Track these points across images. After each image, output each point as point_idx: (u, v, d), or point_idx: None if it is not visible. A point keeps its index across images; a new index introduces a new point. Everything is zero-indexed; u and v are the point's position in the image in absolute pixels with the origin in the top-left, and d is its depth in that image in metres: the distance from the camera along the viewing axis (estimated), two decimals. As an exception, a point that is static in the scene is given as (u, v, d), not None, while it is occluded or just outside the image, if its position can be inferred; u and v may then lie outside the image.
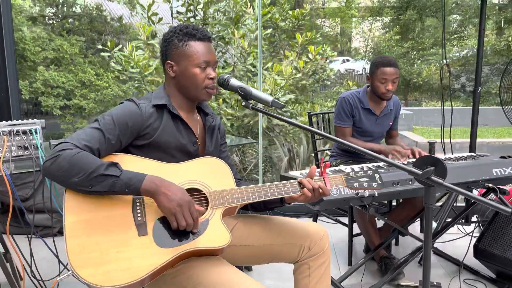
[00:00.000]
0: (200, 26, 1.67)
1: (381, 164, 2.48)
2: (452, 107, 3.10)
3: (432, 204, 1.23)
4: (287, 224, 1.70)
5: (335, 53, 10.00)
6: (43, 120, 2.23)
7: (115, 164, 1.37)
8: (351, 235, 2.87)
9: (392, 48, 11.95)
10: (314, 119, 3.16)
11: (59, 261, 2.17)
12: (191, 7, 6.24)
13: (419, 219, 3.02)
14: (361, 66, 18.20)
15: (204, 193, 1.49)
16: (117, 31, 11.20)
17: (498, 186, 2.35)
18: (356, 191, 1.62)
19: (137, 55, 5.81)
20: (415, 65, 12.48)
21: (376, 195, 1.67)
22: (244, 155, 6.42)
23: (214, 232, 1.42)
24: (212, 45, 1.63)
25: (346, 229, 2.93)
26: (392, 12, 13.06)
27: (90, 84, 8.75)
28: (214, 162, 1.57)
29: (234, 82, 1.56)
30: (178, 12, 6.46)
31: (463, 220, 3.37)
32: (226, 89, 1.57)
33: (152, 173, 1.40)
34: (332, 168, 2.49)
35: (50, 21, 10.88)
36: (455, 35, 12.48)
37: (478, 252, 2.55)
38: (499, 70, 12.21)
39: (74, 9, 11.04)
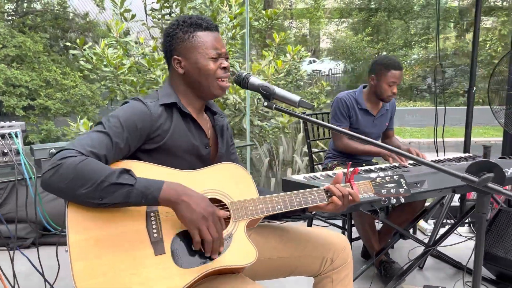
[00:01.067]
0: (204, 15, 1.51)
1: (396, 164, 2.41)
2: (445, 107, 3.09)
3: (485, 212, 1.13)
4: (307, 234, 1.58)
5: (309, 54, 10.02)
6: (23, 122, 2.01)
7: (127, 171, 1.20)
8: (350, 240, 2.78)
9: (364, 49, 12.10)
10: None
11: (45, 280, 1.95)
12: (167, 4, 6.00)
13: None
14: (327, 67, 18.41)
15: (225, 204, 1.34)
16: (83, 29, 10.74)
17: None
18: (384, 198, 1.52)
19: (109, 53, 5.53)
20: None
21: (403, 201, 1.57)
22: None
23: (239, 248, 1.28)
24: (219, 34, 1.48)
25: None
26: (362, 14, 13.24)
27: (56, 84, 8.29)
28: (234, 169, 1.42)
29: (254, 80, 1.41)
30: (152, 9, 6.21)
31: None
32: (245, 87, 1.42)
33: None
34: (331, 172, 2.39)
35: (10, 17, 10.29)
36: (423, 37, 12.79)
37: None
38: (463, 71, 12.62)
39: (34, 5, 10.49)
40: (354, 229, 2.78)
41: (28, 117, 8.10)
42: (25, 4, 10.52)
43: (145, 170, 1.29)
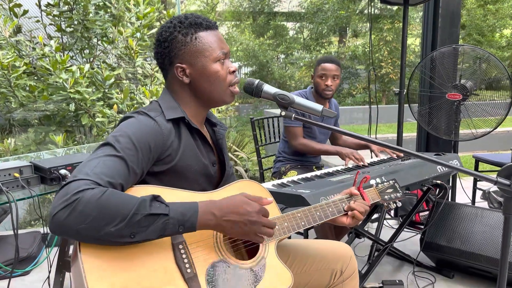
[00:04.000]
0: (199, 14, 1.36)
1: (350, 165, 2.46)
2: (377, 105, 3.29)
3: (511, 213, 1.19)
4: (313, 248, 1.52)
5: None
6: None
7: (156, 198, 1.01)
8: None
9: (266, 52, 12.44)
10: (256, 123, 3.00)
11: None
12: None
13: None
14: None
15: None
16: (-51, 24, 9.20)
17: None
18: (387, 204, 1.53)
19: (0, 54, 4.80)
20: (287, 68, 13.25)
21: (400, 205, 1.60)
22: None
23: (275, 273, 1.17)
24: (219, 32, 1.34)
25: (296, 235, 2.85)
26: (262, 17, 13.60)
27: None
28: (251, 186, 1.29)
29: (268, 88, 1.30)
30: (48, 4, 5.54)
31: (386, 215, 3.59)
32: (257, 96, 1.30)
33: None
34: (296, 177, 2.38)
35: None
36: (318, 41, 13.61)
37: (426, 245, 2.72)
38: (350, 73, 13.75)
39: None
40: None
41: None
42: None
43: (165, 196, 1.11)
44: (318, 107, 1.28)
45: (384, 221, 3.50)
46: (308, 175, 2.37)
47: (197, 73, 1.27)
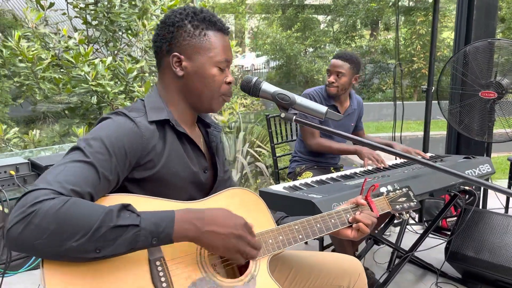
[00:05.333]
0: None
1: (370, 168, 2.30)
2: (403, 102, 3.09)
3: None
4: (319, 262, 1.39)
5: (240, 49, 9.84)
6: None
7: (125, 207, 0.92)
8: (322, 248, 2.66)
9: (293, 45, 12.22)
10: (272, 120, 2.87)
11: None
12: (92, -8, 5.41)
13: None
14: (249, 62, 18.43)
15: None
16: (-16, 17, 9.49)
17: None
18: (398, 214, 1.38)
19: (25, 46, 4.84)
20: (315, 62, 12.99)
21: (414, 216, 1.44)
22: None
23: (266, 294, 1.04)
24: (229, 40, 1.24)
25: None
26: (290, 10, 13.37)
27: (-47, 80, 7.18)
28: (243, 195, 1.18)
29: (267, 86, 1.18)
30: (73, -4, 5.56)
31: (410, 219, 3.40)
32: (255, 95, 1.18)
33: None
34: (309, 179, 2.24)
35: None
36: (347, 35, 13.27)
37: (451, 255, 2.53)
38: (382, 68, 13.32)
39: None
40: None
41: None
42: None
43: (138, 207, 1.00)
44: (322, 108, 1.14)
45: (408, 226, 3.30)
46: (324, 177, 2.23)
47: (193, 69, 1.16)
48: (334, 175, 2.28)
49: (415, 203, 1.43)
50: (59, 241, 0.83)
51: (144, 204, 1.01)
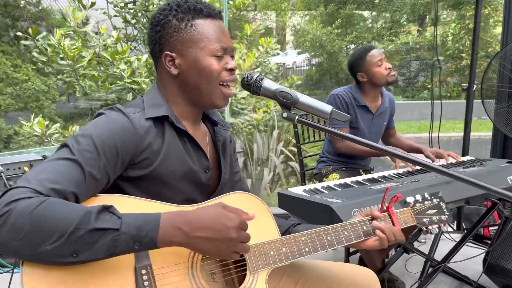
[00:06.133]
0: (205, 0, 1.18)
1: (400, 171, 2.16)
2: (441, 101, 2.90)
3: None
4: (329, 273, 1.29)
5: (279, 46, 9.73)
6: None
7: (107, 208, 0.86)
8: (348, 254, 2.53)
9: (334, 41, 11.95)
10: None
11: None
12: (131, -9, 5.52)
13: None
14: (291, 59, 18.22)
15: (237, 250, 1.02)
16: (36, 17, 9.94)
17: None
18: (426, 228, 1.24)
19: (66, 44, 5.00)
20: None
21: (445, 230, 1.30)
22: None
23: (261, 311, 0.96)
24: (223, 24, 1.16)
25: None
26: (331, 6, 13.08)
27: (6, 77, 7.57)
28: (246, 200, 1.10)
29: (269, 84, 1.09)
30: (113, -5, 5.70)
31: (447, 227, 3.19)
32: (256, 93, 1.10)
33: None
34: (333, 182, 2.12)
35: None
36: (391, 31, 12.81)
37: (489, 267, 2.33)
38: (428, 65, 12.76)
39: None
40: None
41: (-25, 114, 7.37)
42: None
43: (129, 210, 0.95)
44: (327, 108, 1.04)
45: (446, 234, 3.10)
46: (349, 180, 2.10)
47: (187, 65, 1.10)
48: (360, 178, 2.16)
49: (446, 216, 1.28)
50: (34, 243, 0.79)
51: (135, 206, 0.95)
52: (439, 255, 2.54)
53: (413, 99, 12.40)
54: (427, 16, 14.13)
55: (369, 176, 2.20)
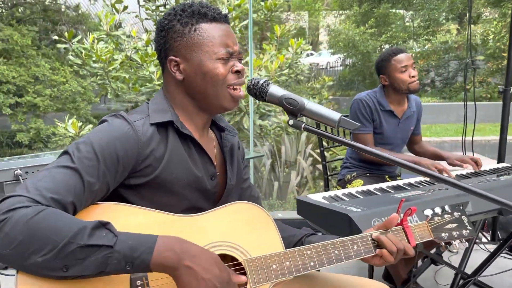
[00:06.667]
0: (211, 4, 1.15)
1: (422, 179, 2.05)
2: (475, 102, 2.75)
3: None
4: (338, 284, 1.22)
5: (310, 47, 9.63)
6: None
7: (104, 225, 0.84)
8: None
9: (367, 41, 11.68)
10: (322, 125, 2.68)
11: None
12: (162, -6, 5.61)
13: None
14: (325, 60, 18.01)
15: (239, 262, 0.98)
16: (74, 21, 10.30)
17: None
18: (445, 244, 1.16)
19: (99, 47, 5.13)
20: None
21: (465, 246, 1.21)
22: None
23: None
24: (230, 27, 1.12)
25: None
26: (365, 5, 12.82)
27: (45, 79, 7.88)
28: (249, 211, 1.05)
29: (275, 89, 1.04)
30: (145, 0, 5.82)
31: (483, 238, 3.02)
32: (262, 99, 1.05)
33: (157, 234, 0.88)
34: (355, 189, 2.03)
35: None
36: (428, 30, 12.40)
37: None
38: (468, 65, 12.26)
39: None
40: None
41: (16, 115, 7.70)
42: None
43: (127, 218, 0.93)
44: (335, 116, 0.98)
45: (481, 244, 2.94)
46: (372, 187, 2.01)
47: (192, 70, 1.07)
48: (384, 185, 2.06)
49: (468, 231, 1.19)
50: (25, 254, 0.78)
51: (134, 215, 0.93)
52: (471, 266, 2.41)
53: (450, 100, 11.95)
54: (467, 14, 13.62)
55: (394, 183, 2.10)
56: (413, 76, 2.31)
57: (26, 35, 8.14)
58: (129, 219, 0.93)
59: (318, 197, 1.90)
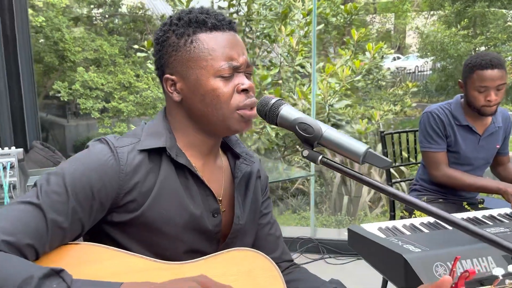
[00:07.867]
0: (215, 9, 0.97)
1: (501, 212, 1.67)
2: None
3: None
4: None
5: (392, 51, 9.03)
6: (21, 149, 1.63)
7: (57, 272, 0.71)
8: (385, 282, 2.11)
9: (459, 44, 10.67)
10: (388, 139, 2.38)
11: None
12: (234, 1, 5.59)
13: None
14: (413, 64, 16.92)
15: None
16: (158, 30, 10.85)
17: None
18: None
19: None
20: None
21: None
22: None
23: None
24: (238, 36, 0.95)
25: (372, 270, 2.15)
26: (457, 4, 11.77)
27: (130, 86, 8.37)
28: (256, 261, 0.87)
29: (288, 111, 0.84)
30: (219, 7, 5.86)
31: None
32: (273, 123, 0.85)
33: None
34: (420, 220, 1.72)
35: (96, 22, 10.69)
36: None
37: None
38: None
39: (120, 9, 10.81)
40: None
41: (103, 119, 8.26)
42: (111, 8, 10.85)
43: (104, 263, 0.79)
44: (359, 148, 0.74)
45: None
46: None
47: (189, 90, 0.91)
48: (460, 215, 1.72)
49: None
50: None
51: (110, 260, 0.79)
52: None
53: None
54: None
55: (471, 214, 1.75)
56: (489, 100, 1.92)
57: (114, 45, 8.72)
58: (105, 264, 0.79)
59: (372, 228, 1.64)
